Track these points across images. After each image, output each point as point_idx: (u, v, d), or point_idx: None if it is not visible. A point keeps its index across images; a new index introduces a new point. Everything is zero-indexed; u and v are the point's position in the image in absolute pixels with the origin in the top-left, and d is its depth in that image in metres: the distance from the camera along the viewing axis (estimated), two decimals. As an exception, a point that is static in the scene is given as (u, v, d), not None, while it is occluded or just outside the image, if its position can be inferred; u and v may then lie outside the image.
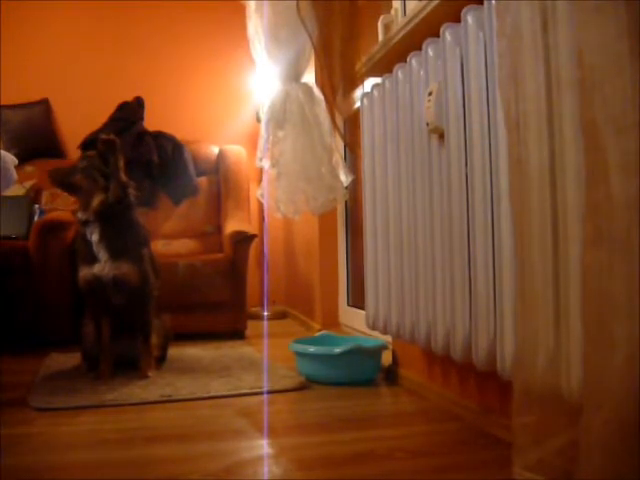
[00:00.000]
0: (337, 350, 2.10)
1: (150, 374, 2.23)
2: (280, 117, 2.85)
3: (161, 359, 2.42)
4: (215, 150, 4.02)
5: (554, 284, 1.06)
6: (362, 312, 2.33)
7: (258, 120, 3.87)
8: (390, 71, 1.83)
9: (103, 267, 2.24)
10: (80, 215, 2.29)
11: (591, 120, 0.93)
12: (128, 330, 2.32)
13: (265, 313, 4.03)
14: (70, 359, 2.51)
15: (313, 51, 2.80)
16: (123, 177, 2.31)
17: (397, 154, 1.80)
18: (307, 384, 2.12)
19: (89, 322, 2.35)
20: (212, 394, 2.00)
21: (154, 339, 2.33)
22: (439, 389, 1.85)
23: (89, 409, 1.86)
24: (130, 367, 2.29)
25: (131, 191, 2.34)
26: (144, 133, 3.80)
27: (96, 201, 2.26)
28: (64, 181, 2.32)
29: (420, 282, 1.66)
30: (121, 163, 2.32)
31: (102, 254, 2.25)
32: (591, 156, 0.94)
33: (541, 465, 1.05)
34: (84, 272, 2.26)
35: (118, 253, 2.25)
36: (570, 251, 1.02)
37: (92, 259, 2.25)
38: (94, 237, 2.25)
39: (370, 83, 2.05)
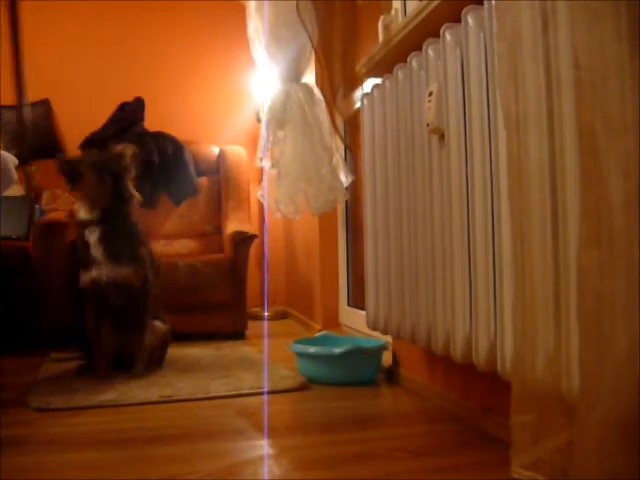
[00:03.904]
0: (337, 351, 2.10)
1: (141, 372, 2.24)
2: (280, 117, 2.85)
3: (159, 360, 2.42)
4: (215, 150, 4.02)
5: (554, 283, 1.06)
6: (362, 312, 2.33)
7: (258, 120, 3.87)
8: (390, 71, 1.83)
9: (102, 270, 2.24)
10: (82, 215, 2.28)
11: (588, 121, 0.93)
12: (126, 328, 2.32)
13: (265, 313, 4.03)
14: (70, 359, 2.51)
15: (313, 51, 2.80)
16: (131, 184, 2.33)
17: (397, 154, 1.80)
18: (307, 384, 2.12)
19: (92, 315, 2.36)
20: (212, 394, 2.00)
21: (150, 339, 2.33)
22: (439, 389, 1.85)
23: (89, 409, 1.86)
24: (128, 366, 2.30)
25: (136, 197, 2.35)
26: (144, 133, 3.80)
27: (102, 202, 2.26)
28: (74, 171, 2.28)
29: (420, 282, 1.66)
30: (133, 171, 2.33)
31: (101, 257, 2.25)
32: (588, 157, 0.94)
33: (540, 464, 1.05)
34: (84, 276, 2.27)
35: (117, 255, 2.25)
36: (570, 251, 1.02)
37: (91, 262, 2.25)
38: (93, 239, 2.25)
39: (370, 83, 2.05)
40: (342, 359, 2.10)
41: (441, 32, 1.48)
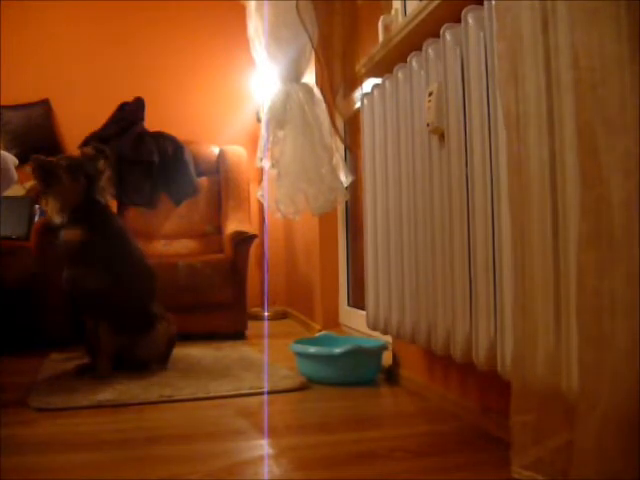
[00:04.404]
0: (337, 351, 2.10)
1: (101, 375, 2.18)
2: (280, 117, 2.85)
3: (162, 361, 2.42)
4: (215, 150, 4.02)
5: (554, 282, 1.06)
6: (362, 312, 2.33)
7: (258, 120, 3.87)
8: (390, 71, 1.83)
9: (71, 270, 2.27)
10: (55, 220, 2.29)
11: (589, 121, 0.93)
12: (124, 328, 2.32)
13: (265, 313, 4.04)
14: (70, 359, 2.51)
15: (313, 51, 2.80)
16: (104, 182, 2.34)
17: (397, 154, 1.80)
18: (307, 384, 2.12)
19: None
20: (212, 394, 2.00)
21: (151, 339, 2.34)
22: (439, 389, 1.85)
23: (89, 409, 1.86)
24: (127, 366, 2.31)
25: (108, 197, 2.38)
26: (144, 133, 3.80)
27: (74, 203, 2.27)
28: (47, 170, 2.27)
29: (420, 282, 1.66)
30: (107, 171, 2.35)
31: (72, 258, 2.27)
32: (588, 157, 0.94)
33: (540, 464, 1.05)
34: (63, 276, 2.30)
35: (85, 257, 2.25)
36: (569, 250, 1.03)
37: (68, 263, 2.29)
38: (66, 239, 2.27)
39: (370, 83, 2.05)
40: (342, 359, 2.10)
41: (441, 32, 1.48)
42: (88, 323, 2.35)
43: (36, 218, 3.35)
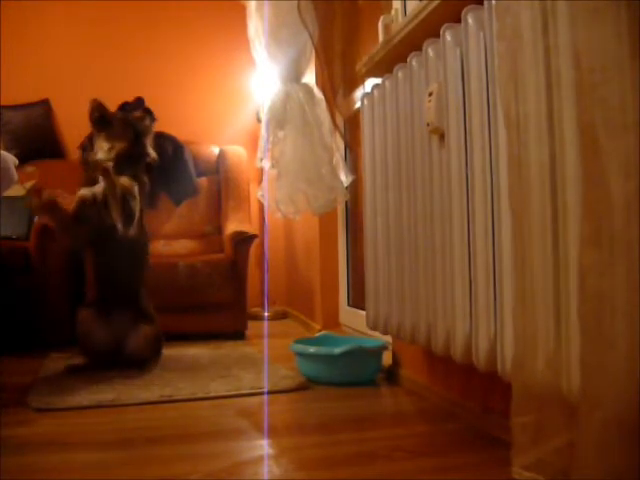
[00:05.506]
0: (337, 350, 2.10)
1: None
2: (280, 117, 2.85)
3: (151, 361, 2.41)
4: (215, 150, 4.02)
5: (554, 284, 1.06)
6: (362, 312, 2.33)
7: (258, 120, 3.87)
8: (390, 71, 1.83)
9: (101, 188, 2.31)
10: (100, 155, 2.38)
11: (589, 121, 0.93)
12: (121, 322, 2.32)
13: (265, 313, 4.04)
14: (70, 359, 2.50)
15: (313, 51, 2.80)
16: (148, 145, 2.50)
17: (397, 154, 1.80)
18: (307, 384, 2.12)
19: (84, 309, 2.39)
20: (212, 394, 2.00)
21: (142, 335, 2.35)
22: (439, 389, 1.85)
23: (89, 409, 1.86)
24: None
25: (151, 157, 2.53)
26: (144, 133, 3.80)
27: (121, 145, 2.39)
28: (102, 115, 2.49)
29: (420, 282, 1.66)
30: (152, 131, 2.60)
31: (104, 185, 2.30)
32: (589, 157, 0.94)
33: (540, 465, 1.05)
34: (82, 192, 2.34)
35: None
36: (570, 251, 1.02)
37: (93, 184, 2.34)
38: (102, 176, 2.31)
39: (370, 83, 2.05)
40: (342, 359, 2.10)
41: (441, 32, 1.48)
42: (83, 320, 2.34)
43: (36, 218, 3.34)
